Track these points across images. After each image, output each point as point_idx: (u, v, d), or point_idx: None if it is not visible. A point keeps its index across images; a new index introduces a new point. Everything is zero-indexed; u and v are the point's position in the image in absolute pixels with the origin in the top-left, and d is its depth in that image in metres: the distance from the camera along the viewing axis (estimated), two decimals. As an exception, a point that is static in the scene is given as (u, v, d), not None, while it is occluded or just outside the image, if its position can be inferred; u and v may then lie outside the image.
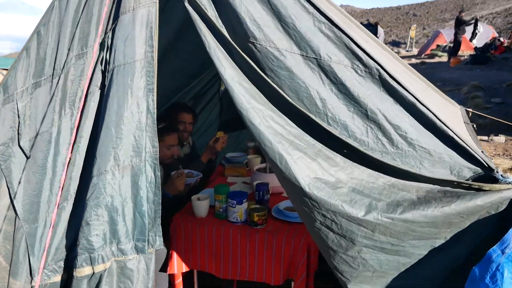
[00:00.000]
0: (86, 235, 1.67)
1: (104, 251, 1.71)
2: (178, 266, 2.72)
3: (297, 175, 1.56)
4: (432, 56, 19.37)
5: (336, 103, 1.65)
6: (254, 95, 1.62)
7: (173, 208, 2.91)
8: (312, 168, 1.58)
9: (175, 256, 2.72)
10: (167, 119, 3.64)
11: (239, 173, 3.51)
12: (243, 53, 1.62)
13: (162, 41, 2.20)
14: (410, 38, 25.48)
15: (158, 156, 1.77)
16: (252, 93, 1.62)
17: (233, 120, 4.67)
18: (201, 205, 2.73)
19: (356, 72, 1.65)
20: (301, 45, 1.64)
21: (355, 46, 1.61)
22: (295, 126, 1.63)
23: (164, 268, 2.77)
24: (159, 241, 1.82)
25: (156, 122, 1.75)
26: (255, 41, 1.61)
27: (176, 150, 2.97)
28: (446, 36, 20.90)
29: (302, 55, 1.63)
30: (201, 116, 4.31)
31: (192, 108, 3.83)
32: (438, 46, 20.66)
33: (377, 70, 1.63)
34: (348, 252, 1.69)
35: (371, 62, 1.63)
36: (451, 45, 17.82)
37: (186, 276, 2.84)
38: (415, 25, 27.32)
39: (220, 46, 1.63)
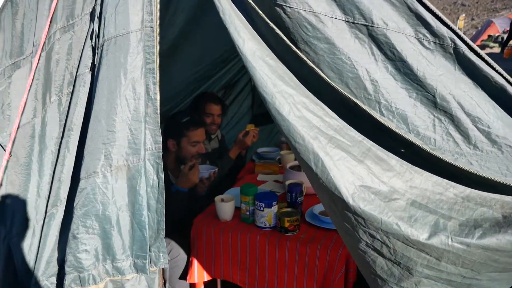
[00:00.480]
0: (74, 251, 1.30)
1: (96, 270, 1.34)
2: (199, 275, 2.34)
3: (338, 182, 1.12)
4: (483, 47, 17.91)
5: (392, 86, 1.19)
6: (282, 76, 1.19)
7: (191, 207, 2.53)
8: (358, 173, 1.14)
9: (195, 263, 2.33)
10: (193, 111, 3.26)
11: (270, 170, 3.08)
12: (268, 20, 1.19)
13: (176, 22, 1.82)
14: (458, 28, 23.77)
15: (161, 154, 1.37)
16: (279, 72, 1.19)
17: (266, 113, 4.25)
18: (225, 207, 2.33)
19: (422, 43, 1.17)
20: (346, 7, 1.17)
21: (422, 8, 1.14)
22: (336, 117, 1.18)
23: (184, 275, 2.40)
24: (163, 258, 1.42)
25: (158, 111, 1.35)
26: (284, 4, 1.17)
27: (202, 147, 2.57)
28: (499, 26, 19.24)
29: (348, 22, 1.17)
30: (231, 108, 3.89)
31: (221, 98, 3.43)
32: (489, 36, 19.10)
33: (452, 40, 1.14)
34: (402, 284, 1.24)
35: (444, 30, 1.14)
36: (504, 35, 16.39)
37: (208, 286, 2.46)
38: (463, 15, 25.63)
39: (238, 11, 1.20)
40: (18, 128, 1.36)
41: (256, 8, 1.19)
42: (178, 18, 2.26)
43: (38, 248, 1.41)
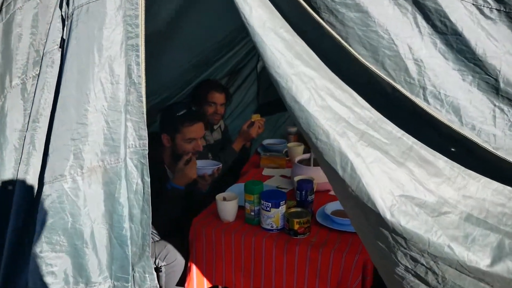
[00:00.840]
0: (38, 273, 1.04)
1: (66, 295, 1.08)
2: (198, 282, 2.07)
3: (372, 191, 0.84)
4: None
5: (441, 67, 0.89)
6: (300, 54, 0.90)
7: (189, 205, 2.26)
8: (397, 179, 0.86)
9: (194, 269, 2.06)
10: (194, 101, 2.98)
11: (277, 164, 2.80)
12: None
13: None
14: None
15: (146, 152, 1.09)
16: (296, 49, 0.90)
17: (273, 102, 3.95)
18: (227, 206, 2.06)
19: (483, 12, 0.88)
20: (383, -37, 0.89)
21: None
22: (369, 106, 0.90)
23: (181, 282, 2.15)
24: (149, 280, 1.15)
25: (143, 98, 1.06)
26: (302, -41, 0.89)
27: (199, 145, 2.26)
28: None
29: (386, -18, 0.89)
30: (235, 96, 3.59)
31: (224, 86, 3.14)
32: None
33: (524, 6, 0.87)
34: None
35: (513, -8, 0.87)
36: None
37: (209, 293, 2.21)
38: None
39: (243, -31, 0.92)
40: (-28, 118, 1.08)
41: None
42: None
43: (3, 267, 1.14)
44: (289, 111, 0.92)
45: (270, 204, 1.93)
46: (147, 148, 1.08)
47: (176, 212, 2.12)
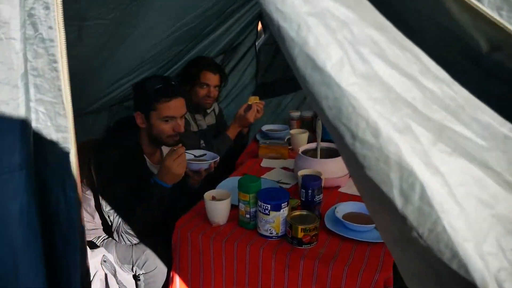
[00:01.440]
0: None
1: None
2: (181, 295, 1.70)
3: (462, 242, 0.43)
4: None
5: None
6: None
7: (175, 207, 1.85)
8: (507, 218, 0.45)
9: (177, 279, 1.68)
10: (184, 80, 2.53)
11: (278, 153, 2.38)
12: None
13: None
14: None
15: (70, 151, 0.68)
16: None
17: (274, 83, 3.51)
18: (217, 207, 1.66)
19: None
20: None
21: None
22: (450, 78, 0.49)
23: (162, 295, 1.76)
24: None
25: (62, 66, 0.64)
26: None
27: (179, 125, 1.85)
28: None
29: None
30: (231, 77, 3.16)
31: (220, 66, 2.69)
32: None
33: None
34: None
35: None
36: None
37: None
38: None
39: None
40: None
41: None
42: None
43: None
44: (302, 86, 0.49)
45: (269, 206, 1.53)
46: (69, 144, 0.66)
47: (158, 212, 1.72)
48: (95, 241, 1.86)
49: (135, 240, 1.75)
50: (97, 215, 1.84)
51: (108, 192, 1.73)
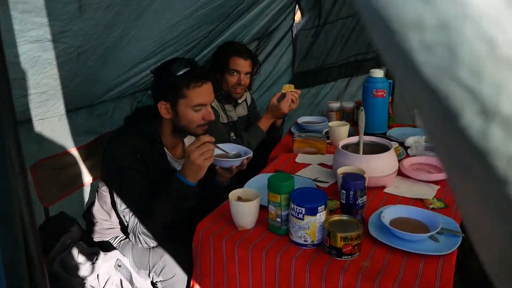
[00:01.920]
0: None
1: None
2: (203, 307, 1.50)
3: None
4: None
5: None
6: None
7: (199, 206, 1.66)
8: None
9: (199, 289, 1.50)
10: (213, 67, 2.34)
11: (315, 148, 2.15)
12: None
13: None
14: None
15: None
16: None
17: (312, 72, 3.25)
18: (243, 209, 1.45)
19: None
20: None
21: None
22: None
23: (182, 306, 1.58)
24: None
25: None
26: None
27: (210, 112, 1.66)
28: None
29: None
30: (265, 65, 2.93)
31: (250, 51, 2.47)
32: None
33: None
34: None
35: None
36: None
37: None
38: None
39: None
40: None
41: None
42: None
43: None
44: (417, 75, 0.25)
45: (303, 209, 1.31)
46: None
47: (180, 213, 1.53)
48: (112, 242, 1.70)
49: (152, 243, 1.57)
50: (113, 214, 1.68)
51: (123, 186, 1.56)
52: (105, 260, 1.49)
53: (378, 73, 2.34)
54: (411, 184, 1.78)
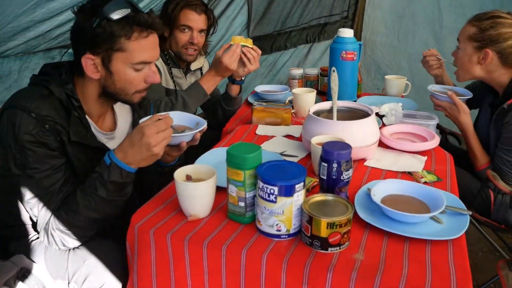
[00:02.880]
0: None
1: None
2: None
3: None
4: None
5: None
6: None
7: (137, 194, 1.27)
8: None
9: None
10: (161, 21, 1.92)
11: (278, 117, 1.82)
12: None
13: None
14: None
15: None
16: None
17: (269, 36, 2.90)
18: (194, 192, 1.09)
19: None
20: None
21: None
22: None
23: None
24: None
25: None
26: None
27: (154, 73, 1.26)
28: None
29: None
30: (221, 22, 2.53)
31: (204, 3, 2.07)
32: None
33: None
34: None
35: None
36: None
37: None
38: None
39: None
40: None
41: None
42: None
43: None
44: None
45: (275, 189, 0.99)
46: None
47: (116, 206, 1.14)
48: (15, 242, 1.27)
49: (73, 243, 1.17)
50: (19, 205, 1.25)
51: (28, 168, 1.14)
52: (2, 273, 1.06)
53: (348, 32, 2.05)
54: (394, 156, 1.51)
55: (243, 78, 2.02)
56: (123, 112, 1.43)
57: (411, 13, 2.88)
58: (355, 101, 2.09)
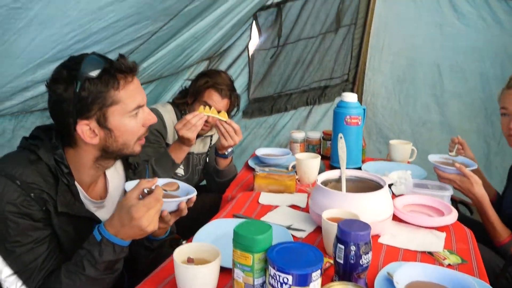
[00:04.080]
0: None
1: None
2: None
3: None
4: None
5: None
6: None
7: (126, 273, 1.14)
8: None
9: None
10: (186, 90, 1.99)
11: (281, 185, 1.73)
12: None
13: None
14: None
15: None
16: None
17: (269, 98, 2.89)
18: (196, 276, 0.97)
19: None
20: None
21: None
22: None
23: None
24: None
25: None
26: None
27: (150, 113, 1.21)
28: None
29: None
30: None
31: (233, 88, 2.08)
32: None
33: None
34: None
35: None
36: None
37: None
38: None
39: None
40: None
41: None
42: None
43: None
44: None
45: (289, 277, 0.88)
46: None
47: (102, 285, 1.03)
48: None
49: None
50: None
51: (7, 242, 1.03)
52: None
53: (352, 97, 2.02)
54: (410, 231, 1.41)
55: (226, 153, 1.96)
56: (115, 178, 1.34)
57: (411, 77, 2.91)
58: (360, 167, 2.03)
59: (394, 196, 1.70)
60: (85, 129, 1.10)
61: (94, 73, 1.06)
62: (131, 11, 1.44)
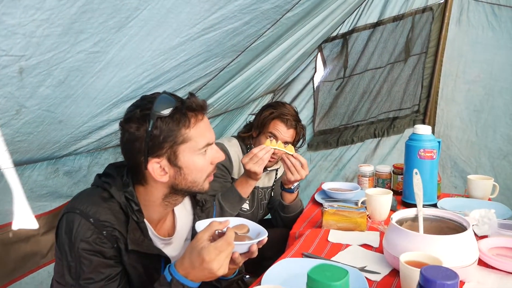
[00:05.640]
0: None
1: None
2: None
3: None
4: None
5: None
6: None
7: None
8: None
9: None
10: (251, 123, 2.05)
11: (352, 223, 1.67)
12: None
13: None
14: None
15: None
16: None
17: (335, 130, 2.84)
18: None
19: None
20: None
21: None
22: None
23: None
24: None
25: None
26: None
27: (218, 151, 1.23)
28: None
29: None
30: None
31: (299, 121, 2.09)
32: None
33: None
34: None
35: None
36: None
37: None
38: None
39: None
40: None
41: None
42: None
43: None
44: None
45: None
46: None
47: None
48: None
49: None
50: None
51: (81, 278, 1.08)
52: None
53: (425, 129, 1.93)
54: (499, 278, 1.28)
55: (292, 187, 1.93)
56: (183, 215, 1.36)
57: (489, 106, 2.74)
58: (436, 204, 1.91)
59: (476, 237, 1.57)
60: (156, 167, 1.14)
61: (166, 112, 1.10)
62: (201, 49, 1.50)
